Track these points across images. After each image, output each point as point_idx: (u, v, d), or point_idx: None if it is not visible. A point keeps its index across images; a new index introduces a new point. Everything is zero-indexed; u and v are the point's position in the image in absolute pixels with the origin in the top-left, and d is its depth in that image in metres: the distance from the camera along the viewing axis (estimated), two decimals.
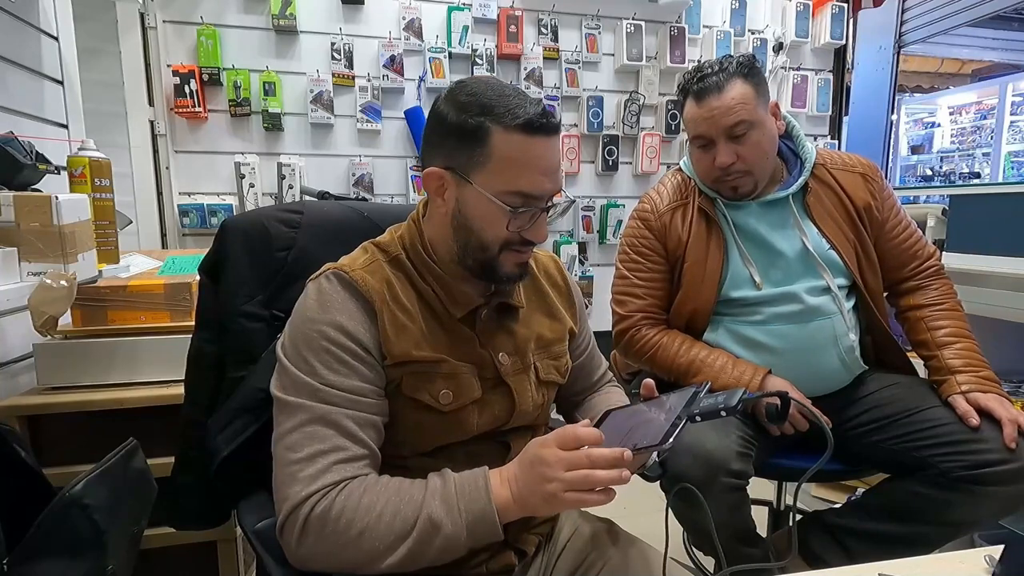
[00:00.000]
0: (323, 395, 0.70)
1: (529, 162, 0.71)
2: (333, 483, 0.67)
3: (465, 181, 0.72)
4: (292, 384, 0.71)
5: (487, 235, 0.74)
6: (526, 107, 0.70)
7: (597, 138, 2.50)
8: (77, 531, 0.75)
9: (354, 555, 0.66)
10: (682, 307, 1.27)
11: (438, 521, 0.65)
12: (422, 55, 2.29)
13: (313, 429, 0.69)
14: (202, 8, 2.11)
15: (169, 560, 1.28)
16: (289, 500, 0.67)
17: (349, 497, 0.66)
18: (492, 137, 0.70)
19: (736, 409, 0.65)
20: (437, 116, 0.74)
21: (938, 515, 1.07)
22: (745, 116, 1.14)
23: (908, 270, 1.28)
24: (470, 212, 0.74)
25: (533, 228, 0.75)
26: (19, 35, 1.31)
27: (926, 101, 6.08)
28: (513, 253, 0.76)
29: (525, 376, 0.83)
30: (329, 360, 0.71)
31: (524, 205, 0.72)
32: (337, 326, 0.72)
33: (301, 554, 0.67)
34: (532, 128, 0.70)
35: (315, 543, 0.66)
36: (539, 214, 0.75)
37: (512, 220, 0.73)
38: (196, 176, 2.18)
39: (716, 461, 1.03)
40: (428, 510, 0.66)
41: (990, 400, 1.07)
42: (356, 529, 0.65)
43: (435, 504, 0.67)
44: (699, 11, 2.53)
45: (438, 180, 0.75)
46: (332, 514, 0.65)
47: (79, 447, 1.17)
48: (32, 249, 0.96)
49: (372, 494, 0.67)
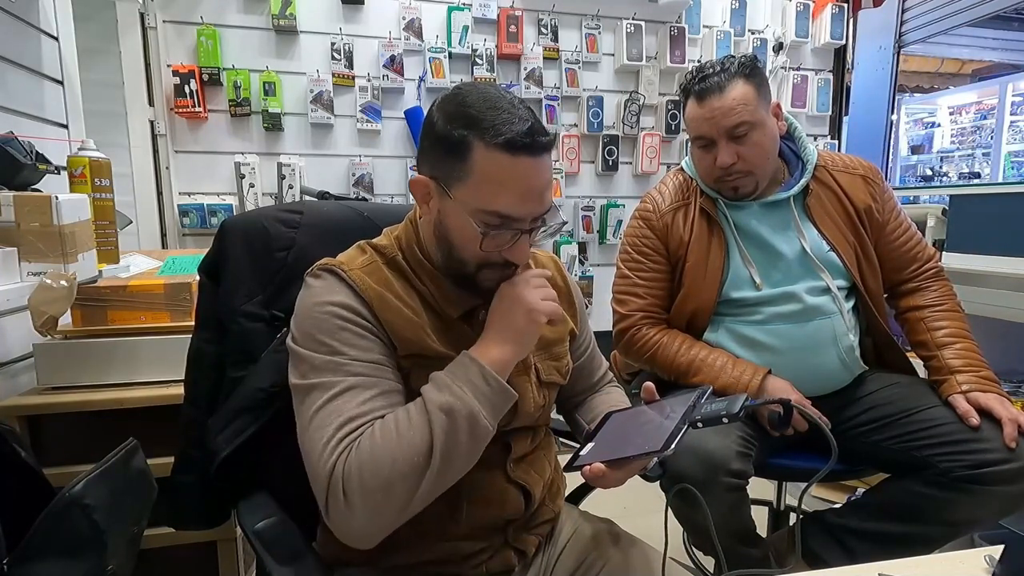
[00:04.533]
0: (350, 368, 0.69)
1: (509, 182, 0.68)
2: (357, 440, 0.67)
3: (446, 194, 0.71)
4: (313, 368, 0.70)
5: (464, 252, 0.73)
6: (513, 124, 0.67)
7: (597, 138, 2.50)
8: (77, 531, 0.75)
9: (401, 484, 0.64)
10: (683, 307, 1.27)
11: (447, 406, 0.66)
12: (422, 55, 2.28)
13: (342, 400, 0.68)
14: (202, 8, 2.11)
15: (169, 560, 1.28)
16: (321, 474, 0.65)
17: (366, 437, 0.66)
18: (473, 153, 0.68)
19: (738, 416, 0.64)
20: (429, 122, 0.73)
21: (938, 515, 1.07)
22: (746, 116, 1.14)
23: (908, 272, 1.28)
24: (449, 225, 0.73)
25: (514, 249, 0.73)
26: (19, 35, 1.31)
27: (926, 101, 6.08)
28: (495, 270, 0.75)
29: (526, 377, 0.83)
30: (347, 336, 0.71)
31: (501, 226, 0.70)
32: (346, 306, 0.72)
33: (361, 515, 0.64)
34: (515, 147, 0.67)
35: (361, 493, 0.64)
36: (519, 235, 0.72)
37: (485, 240, 0.70)
38: (196, 176, 2.18)
39: (716, 461, 1.03)
40: (433, 404, 0.66)
41: (990, 400, 1.07)
42: (386, 462, 0.64)
43: (436, 397, 0.67)
44: (699, 11, 2.53)
45: (424, 188, 0.74)
46: (361, 458, 0.64)
47: (79, 447, 1.18)
48: (32, 249, 0.96)
49: (380, 429, 0.66)
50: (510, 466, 0.82)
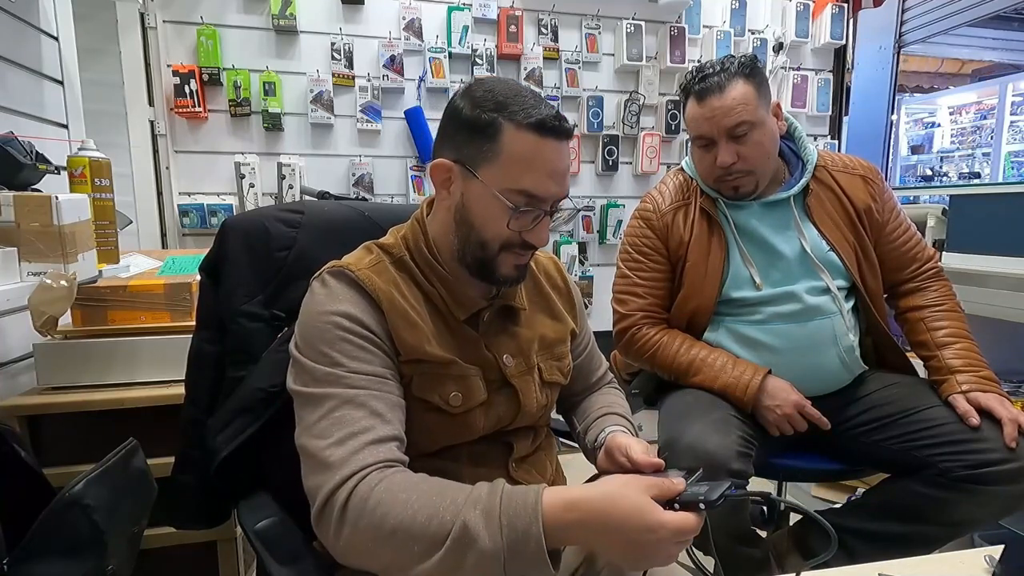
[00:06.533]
0: (348, 381, 0.69)
1: (537, 162, 0.71)
2: (369, 465, 0.64)
3: (472, 175, 0.73)
4: (313, 378, 0.70)
5: (487, 232, 0.74)
6: (540, 108, 0.71)
7: (597, 138, 2.50)
8: (77, 531, 0.75)
9: (389, 555, 0.61)
10: (683, 306, 1.27)
11: (475, 532, 0.58)
12: (422, 55, 2.28)
13: (341, 414, 0.67)
14: (202, 8, 2.10)
15: (169, 560, 1.28)
16: (323, 487, 0.63)
17: (389, 490, 0.62)
18: (503, 134, 0.71)
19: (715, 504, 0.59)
20: (452, 110, 0.75)
21: (938, 515, 1.07)
22: (747, 116, 1.14)
23: (907, 272, 1.28)
24: (473, 207, 0.74)
25: (535, 231, 0.75)
26: (19, 35, 1.31)
27: (926, 101, 6.08)
28: (512, 255, 0.76)
29: (530, 377, 0.83)
30: (348, 348, 0.70)
31: (527, 205, 0.72)
32: (348, 315, 0.71)
33: (341, 546, 0.63)
34: (544, 129, 0.70)
35: (351, 534, 0.61)
36: (542, 217, 0.74)
37: (513, 219, 0.72)
38: (196, 176, 2.18)
39: (716, 460, 1.02)
40: (465, 517, 0.59)
41: (990, 399, 1.07)
42: (389, 525, 0.60)
43: (475, 513, 0.59)
44: (699, 11, 2.53)
45: (445, 172, 0.75)
46: (369, 504, 0.61)
47: (79, 447, 1.18)
48: (32, 249, 0.96)
49: (413, 491, 0.62)
50: (512, 466, 0.82)
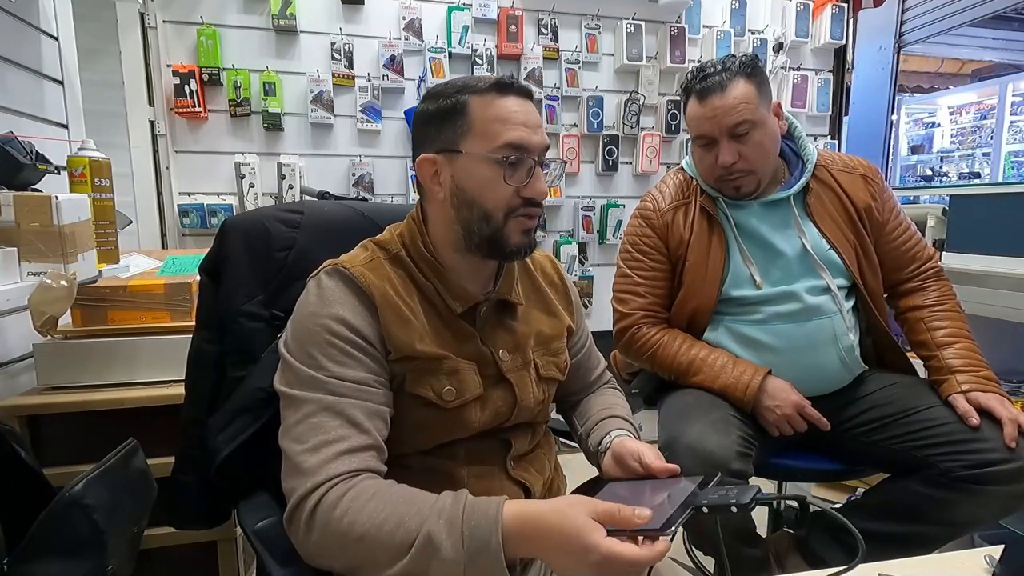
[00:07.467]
0: (329, 387, 0.70)
1: (508, 116, 0.75)
2: (339, 474, 0.66)
3: (456, 153, 0.75)
4: (297, 379, 0.71)
5: (488, 201, 0.75)
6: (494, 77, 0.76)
7: (597, 138, 2.50)
8: (77, 531, 0.75)
9: (354, 560, 0.64)
10: (683, 306, 1.27)
11: (438, 541, 0.60)
12: (422, 55, 2.28)
13: (318, 420, 0.69)
14: (202, 8, 2.11)
15: (169, 560, 1.28)
16: (296, 491, 0.66)
17: (356, 499, 0.64)
18: (470, 106, 0.75)
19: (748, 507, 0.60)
20: (419, 114, 0.80)
21: (938, 515, 1.07)
22: (747, 116, 1.14)
23: (907, 272, 1.28)
24: (467, 183, 0.75)
25: (532, 184, 0.76)
26: (19, 35, 1.31)
27: (926, 101, 6.08)
28: (518, 220, 0.77)
29: (526, 372, 0.83)
30: (333, 353, 0.71)
31: (516, 156, 0.74)
32: (339, 319, 0.72)
33: (308, 548, 0.66)
34: (503, 87, 0.75)
35: (320, 539, 0.65)
36: (534, 167, 0.76)
37: (508, 175, 0.74)
38: (196, 176, 2.18)
39: (716, 460, 1.02)
40: (429, 527, 0.61)
41: (990, 399, 1.07)
42: (356, 533, 0.63)
43: (439, 523, 0.61)
44: (699, 11, 2.53)
45: (431, 165, 0.77)
46: (336, 512, 0.64)
47: (79, 447, 1.18)
48: (32, 249, 0.96)
49: (380, 499, 0.64)
50: (510, 464, 0.82)
